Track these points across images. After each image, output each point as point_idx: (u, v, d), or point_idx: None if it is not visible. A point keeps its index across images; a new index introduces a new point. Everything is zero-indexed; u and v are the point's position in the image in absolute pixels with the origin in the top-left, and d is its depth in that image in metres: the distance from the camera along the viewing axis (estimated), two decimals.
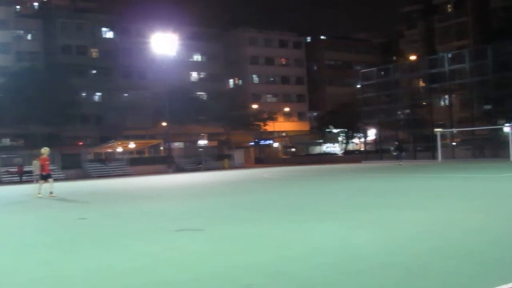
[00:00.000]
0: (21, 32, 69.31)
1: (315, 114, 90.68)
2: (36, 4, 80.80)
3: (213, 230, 9.11)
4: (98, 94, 73.22)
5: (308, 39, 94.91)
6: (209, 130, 75.40)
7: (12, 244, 8.90)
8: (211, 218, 11.15)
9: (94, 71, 71.99)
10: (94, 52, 72.69)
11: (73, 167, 51.21)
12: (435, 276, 5.25)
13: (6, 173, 47.52)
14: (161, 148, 70.05)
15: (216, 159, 62.94)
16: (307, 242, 7.48)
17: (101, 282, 5.71)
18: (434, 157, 46.39)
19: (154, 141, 66.44)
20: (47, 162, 22.04)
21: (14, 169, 46.65)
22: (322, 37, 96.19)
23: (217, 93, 75.85)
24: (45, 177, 21.82)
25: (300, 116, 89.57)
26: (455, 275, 5.28)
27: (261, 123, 75.30)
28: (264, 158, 75.47)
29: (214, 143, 76.08)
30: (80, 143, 64.94)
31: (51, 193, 20.99)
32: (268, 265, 6.02)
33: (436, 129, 45.95)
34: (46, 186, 21.48)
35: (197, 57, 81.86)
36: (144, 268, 6.20)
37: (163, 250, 7.38)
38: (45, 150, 21.91)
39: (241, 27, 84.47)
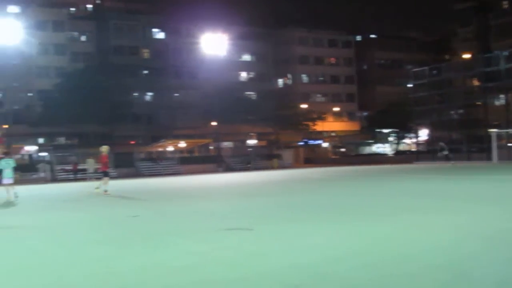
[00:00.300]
0: (76, 33, 71.24)
1: (365, 113, 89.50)
2: (89, 6, 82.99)
3: (261, 229, 9.17)
4: (150, 94, 74.50)
5: (358, 38, 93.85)
6: (258, 129, 75.46)
7: (68, 240, 9.20)
8: (260, 217, 11.22)
9: (145, 71, 73.23)
10: (146, 53, 74.04)
11: (126, 165, 52.20)
12: (482, 279, 5.16)
13: (61, 171, 48.94)
14: (211, 147, 70.67)
15: (265, 158, 63.00)
16: (353, 242, 7.47)
17: (151, 279, 5.84)
18: (488, 158, 45.14)
19: (204, 141, 67.01)
20: (106, 160, 22.71)
21: (69, 167, 47.99)
22: (372, 36, 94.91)
23: (266, 92, 75.94)
24: (105, 174, 22.50)
25: (350, 116, 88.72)
26: (502, 278, 5.18)
27: (310, 123, 74.86)
28: (313, 158, 75.08)
29: (263, 143, 76.13)
30: (132, 142, 66.14)
31: (105, 191, 21.51)
32: (315, 266, 6.04)
33: (490, 130, 44.69)
34: (102, 184, 22.13)
35: (246, 57, 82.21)
36: (193, 267, 6.31)
37: (212, 249, 7.48)
38: (105, 148, 22.59)
39: (290, 27, 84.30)
